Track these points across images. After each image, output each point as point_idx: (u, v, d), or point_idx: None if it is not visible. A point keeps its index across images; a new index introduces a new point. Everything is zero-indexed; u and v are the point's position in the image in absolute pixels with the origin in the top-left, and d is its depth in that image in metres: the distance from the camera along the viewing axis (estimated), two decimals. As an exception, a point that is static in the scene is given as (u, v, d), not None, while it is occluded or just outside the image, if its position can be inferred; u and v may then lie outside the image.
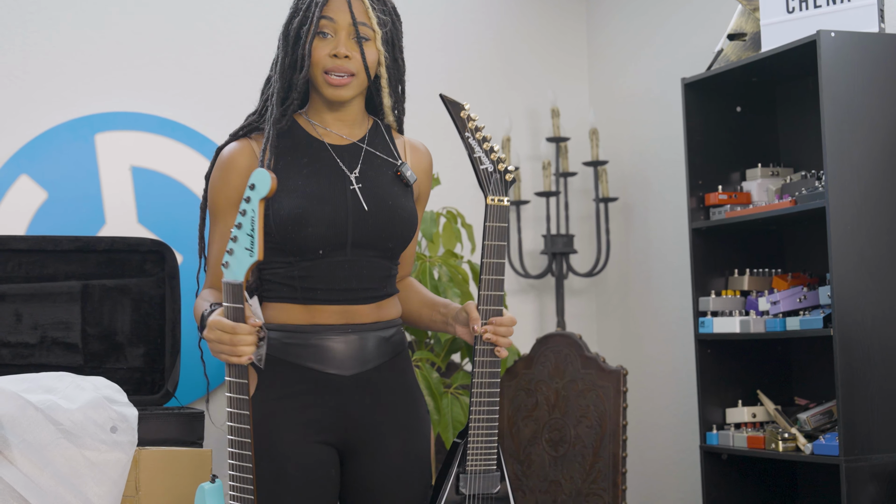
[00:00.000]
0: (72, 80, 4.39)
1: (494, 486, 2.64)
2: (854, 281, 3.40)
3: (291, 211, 2.57)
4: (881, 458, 3.37)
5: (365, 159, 2.69)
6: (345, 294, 2.62)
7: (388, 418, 2.65)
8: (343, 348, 2.62)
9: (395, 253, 2.69)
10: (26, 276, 3.34)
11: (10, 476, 2.71)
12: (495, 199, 2.63)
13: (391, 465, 2.65)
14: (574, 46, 5.17)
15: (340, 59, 2.60)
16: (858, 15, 3.50)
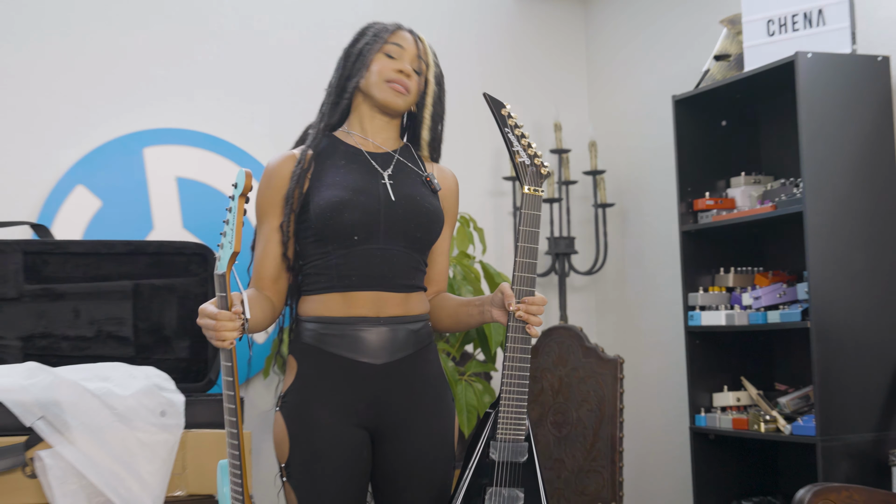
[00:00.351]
0: (123, 99, 4.40)
1: (522, 454, 2.60)
2: (829, 278, 3.39)
3: (330, 199, 2.59)
4: (854, 437, 3.36)
5: (396, 165, 2.71)
6: (377, 280, 2.60)
7: (415, 404, 2.64)
8: (375, 339, 2.60)
9: (424, 245, 2.68)
10: (83, 277, 3.34)
11: (70, 455, 2.72)
12: (531, 188, 2.61)
13: (418, 447, 2.63)
14: (575, 67, 5.16)
15: (405, 74, 2.66)
16: (832, 37, 3.49)
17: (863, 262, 3.44)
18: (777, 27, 3.60)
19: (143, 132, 4.40)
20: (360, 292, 2.60)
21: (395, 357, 2.61)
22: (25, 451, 2.72)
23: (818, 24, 3.52)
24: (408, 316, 2.65)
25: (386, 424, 2.62)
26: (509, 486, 2.58)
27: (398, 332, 2.62)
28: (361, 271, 2.60)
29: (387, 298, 2.62)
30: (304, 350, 2.63)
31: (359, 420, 2.60)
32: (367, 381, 2.60)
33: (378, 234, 2.60)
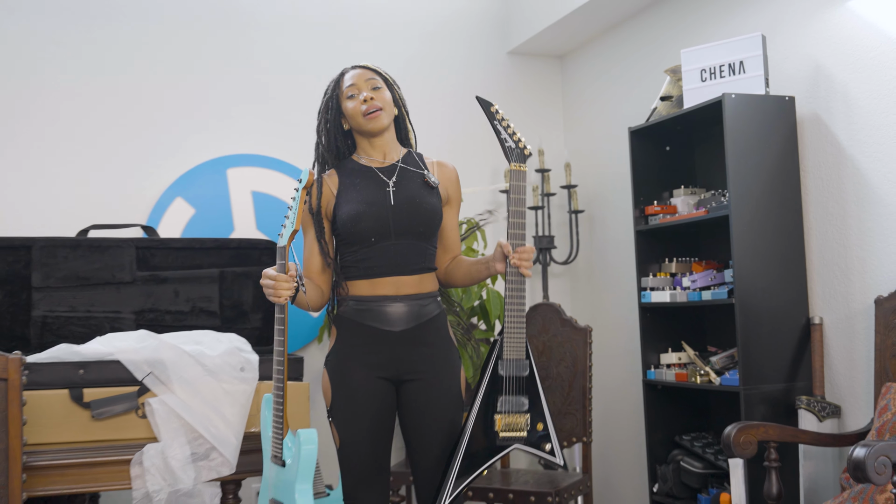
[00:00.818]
0: (211, 130, 4.40)
1: (524, 370, 2.58)
2: (749, 266, 3.37)
3: (349, 214, 2.63)
4: (768, 387, 3.35)
5: (400, 173, 2.70)
6: (395, 268, 2.62)
7: (426, 361, 2.63)
8: (395, 312, 2.61)
9: (428, 235, 2.67)
10: (182, 265, 3.34)
11: (171, 401, 2.71)
12: (516, 165, 2.57)
13: (429, 393, 2.63)
14: (553, 105, 5.14)
15: (368, 102, 2.65)
16: (751, 82, 3.47)
17: (773, 254, 3.41)
18: (708, 75, 3.58)
19: (227, 157, 4.40)
20: (383, 278, 2.62)
21: (410, 325, 2.62)
22: (138, 397, 2.71)
23: (740, 72, 3.49)
24: (420, 293, 2.65)
25: (404, 376, 2.62)
26: (516, 394, 2.57)
27: (413, 307, 2.63)
28: (381, 262, 2.62)
29: (403, 281, 2.63)
30: (342, 322, 2.65)
31: (383, 373, 2.61)
32: (389, 344, 2.61)
33: (389, 234, 2.62)
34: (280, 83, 4.55)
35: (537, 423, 2.58)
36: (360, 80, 2.68)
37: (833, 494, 3.23)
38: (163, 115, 4.32)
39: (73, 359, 2.72)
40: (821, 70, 3.45)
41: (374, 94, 2.66)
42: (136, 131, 4.28)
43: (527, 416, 2.57)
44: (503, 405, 2.56)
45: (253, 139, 4.48)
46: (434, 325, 2.68)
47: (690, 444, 3.77)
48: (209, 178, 4.35)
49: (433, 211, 2.67)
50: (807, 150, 3.49)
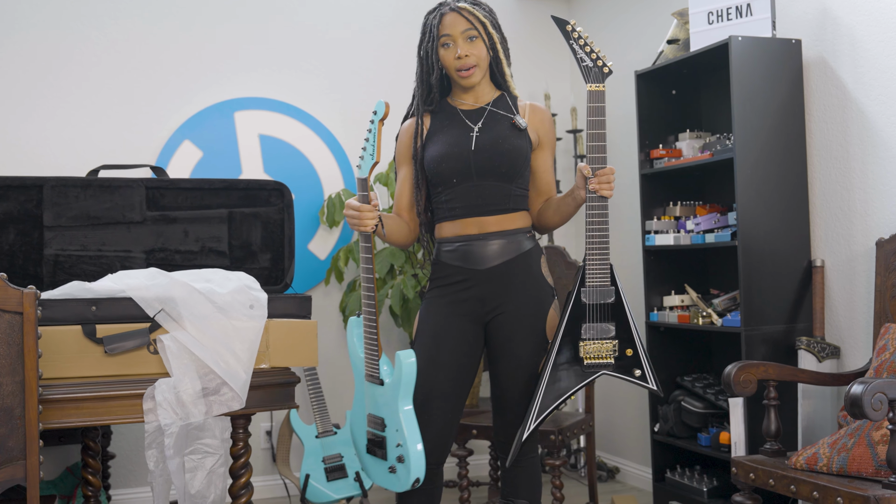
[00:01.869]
0: (219, 73, 4.41)
1: (609, 296, 2.55)
2: (752, 209, 3.39)
3: (433, 155, 2.67)
4: (769, 328, 3.39)
5: (488, 116, 2.70)
6: (476, 209, 2.65)
7: (510, 298, 2.64)
8: (478, 251, 2.64)
9: (512, 176, 2.65)
10: (191, 206, 3.36)
11: (183, 338, 2.75)
12: (592, 85, 2.53)
13: (510, 330, 2.64)
14: (560, 50, 5.13)
15: (462, 58, 2.64)
16: (758, 25, 3.46)
17: (777, 197, 3.43)
18: (715, 17, 3.57)
19: (234, 100, 4.41)
20: (466, 218, 2.66)
21: (496, 262, 2.64)
22: (149, 334, 2.76)
23: (747, 15, 3.48)
24: (504, 231, 2.66)
25: (490, 314, 2.65)
26: (600, 321, 2.55)
27: (499, 244, 2.65)
28: (463, 203, 2.65)
29: (486, 221, 2.65)
30: (435, 262, 2.72)
31: (468, 313, 2.65)
32: (476, 283, 2.65)
33: (471, 175, 2.64)
34: (286, 27, 4.54)
35: (626, 350, 2.56)
36: (455, 29, 2.64)
37: (830, 433, 3.29)
38: (171, 58, 4.33)
39: (85, 295, 2.76)
40: (827, 13, 3.43)
41: (469, 47, 2.64)
42: (145, 74, 4.29)
43: (613, 342, 2.55)
44: (587, 332, 2.55)
45: (260, 82, 4.48)
46: (524, 262, 2.67)
47: (692, 384, 3.82)
48: (217, 121, 4.37)
49: (516, 151, 2.66)
50: (812, 94, 3.49)
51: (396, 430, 2.53)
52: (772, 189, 3.42)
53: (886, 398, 2.40)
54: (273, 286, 3.34)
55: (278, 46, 4.52)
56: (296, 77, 4.54)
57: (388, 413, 2.55)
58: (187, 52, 4.36)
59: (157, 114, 4.29)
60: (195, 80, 4.37)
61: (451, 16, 2.65)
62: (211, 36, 4.40)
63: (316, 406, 4.11)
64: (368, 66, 4.68)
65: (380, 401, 2.58)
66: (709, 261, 4.02)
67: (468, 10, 2.65)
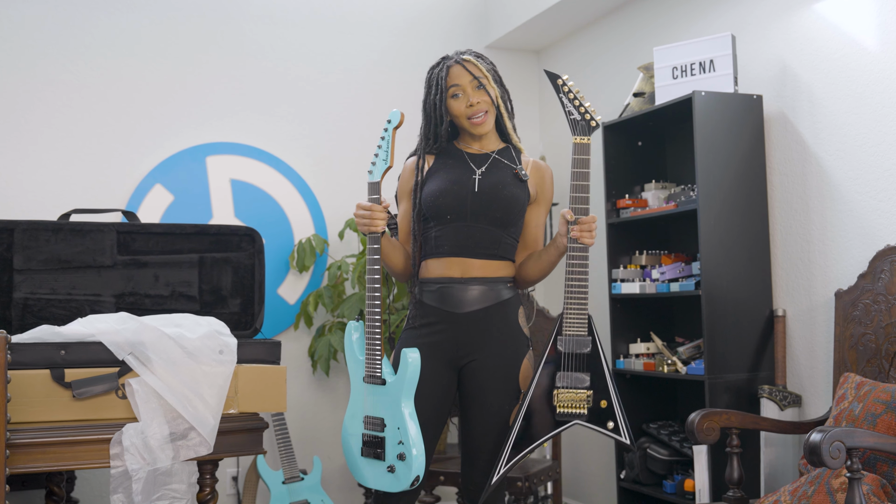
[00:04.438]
0: (191, 117, 4.44)
1: (586, 346, 2.56)
2: (715, 259, 3.46)
3: (432, 189, 2.70)
4: (732, 376, 3.44)
5: (493, 162, 2.75)
6: (464, 249, 2.68)
7: (488, 343, 2.66)
8: (460, 293, 2.67)
9: (505, 223, 2.69)
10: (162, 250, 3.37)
11: (152, 382, 2.75)
12: (578, 138, 2.57)
13: (484, 377, 2.65)
14: (530, 99, 5.21)
15: (474, 106, 2.69)
16: (720, 80, 3.56)
17: (739, 247, 3.51)
18: (680, 72, 3.66)
19: (206, 144, 4.44)
20: (451, 258, 2.68)
21: (475, 308, 2.66)
22: (118, 378, 2.76)
23: (710, 70, 3.58)
24: (486, 277, 2.68)
25: (465, 359, 2.67)
26: (576, 370, 2.56)
27: (480, 290, 2.67)
28: (452, 241, 2.68)
29: (471, 263, 2.68)
30: (416, 301, 2.74)
31: (442, 354, 2.67)
32: (452, 325, 2.67)
33: (466, 215, 2.67)
34: (257, 72, 4.60)
35: (600, 401, 2.56)
36: (464, 80, 2.69)
37: (792, 480, 3.34)
38: (142, 102, 4.36)
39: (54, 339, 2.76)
40: (787, 70, 3.55)
41: (478, 96, 2.69)
42: (116, 118, 4.32)
43: (588, 392, 2.55)
44: (562, 380, 2.55)
45: (232, 127, 4.52)
46: (501, 310, 2.68)
47: (657, 431, 3.86)
48: (188, 165, 4.39)
49: (514, 199, 2.70)
50: (773, 148, 3.59)
51: (398, 427, 2.54)
52: (734, 239, 3.49)
53: (844, 446, 2.45)
54: (243, 331, 3.36)
55: (250, 91, 4.57)
56: (267, 122, 4.59)
57: (389, 412, 2.57)
58: (159, 94, 4.40)
59: (129, 157, 4.31)
60: (167, 124, 4.40)
61: (458, 68, 2.71)
62: (182, 79, 4.45)
63: (283, 451, 4.10)
64: (340, 113, 4.75)
65: (380, 401, 2.60)
66: (674, 309, 4.09)
67: (472, 62, 2.72)
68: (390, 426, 2.57)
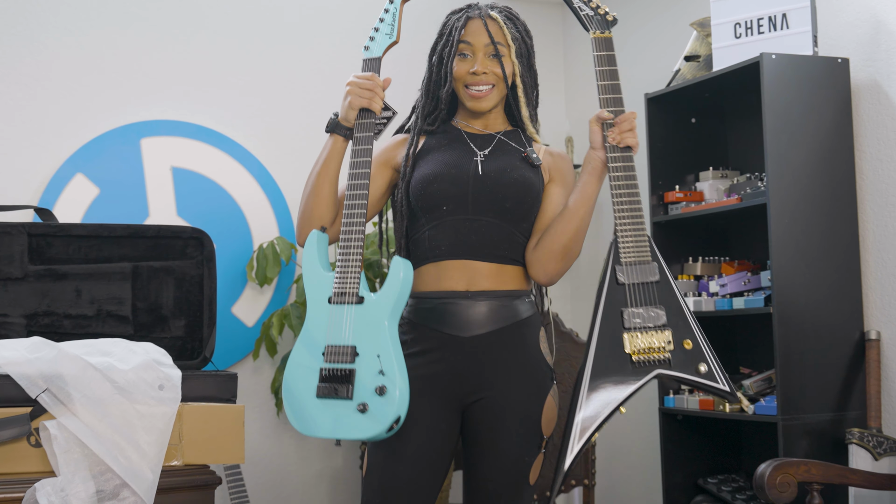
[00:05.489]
0: (122, 90, 4.44)
1: (653, 273, 2.52)
2: (790, 267, 3.47)
3: (423, 173, 2.69)
4: (812, 417, 3.44)
5: (498, 143, 2.75)
6: (466, 249, 2.65)
7: (502, 374, 2.63)
8: (461, 312, 2.63)
9: (518, 216, 2.67)
10: (85, 258, 3.38)
11: (73, 426, 2.75)
12: (595, 32, 2.59)
13: (497, 415, 2.62)
14: (552, 65, 5.22)
15: (479, 75, 2.69)
16: (796, 40, 3.56)
17: (821, 251, 3.52)
18: (744, 30, 3.67)
19: (141, 123, 4.44)
20: (450, 261, 2.66)
21: (486, 329, 2.63)
22: (30, 421, 2.76)
23: (782, 28, 3.59)
24: (499, 290, 2.66)
25: (471, 396, 2.64)
26: (646, 304, 2.50)
27: (490, 305, 2.64)
28: (451, 240, 2.65)
29: (477, 268, 2.65)
30: (406, 321, 2.69)
31: (441, 390, 2.63)
32: (455, 353, 2.63)
33: (467, 205, 2.65)
34: (205, 30, 4.60)
35: (683, 340, 2.51)
36: (479, 40, 2.70)
37: (890, 549, 3.34)
38: (60, 73, 4.36)
39: (-53, 372, 2.76)
40: (882, 26, 3.55)
41: (490, 64, 2.69)
42: (27, 93, 4.32)
43: (667, 331, 2.50)
44: (631, 320, 2.50)
45: (173, 102, 4.53)
46: (518, 332, 2.67)
47: (717, 488, 3.86)
48: (118, 149, 4.39)
49: (527, 184, 2.68)
50: (863, 125, 3.59)
51: (378, 355, 2.49)
52: (815, 242, 3.50)
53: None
54: (189, 360, 3.36)
55: (196, 55, 4.58)
56: (219, 95, 4.60)
57: (366, 336, 2.52)
58: (81, 63, 4.40)
59: (43, 140, 4.32)
60: (90, 99, 4.40)
61: (477, 23, 2.72)
62: (110, 42, 4.45)
63: (240, 514, 4.10)
64: (314, 81, 4.75)
65: (354, 324, 2.54)
66: (737, 331, 4.09)
67: (498, 22, 2.72)
68: (366, 354, 2.50)
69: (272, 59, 4.70)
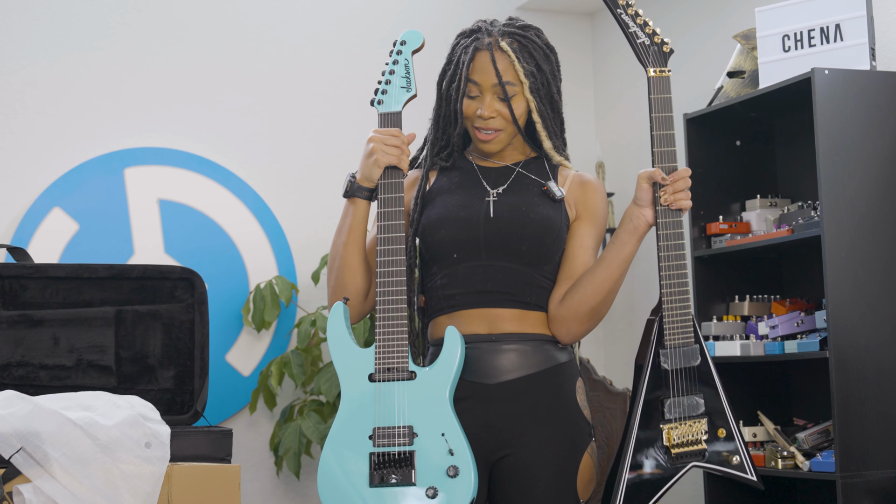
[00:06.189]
0: (103, 116, 4.47)
1: (695, 358, 2.55)
2: (848, 306, 3.46)
3: (431, 218, 2.70)
4: (875, 474, 3.43)
5: (516, 179, 2.75)
6: (481, 297, 2.65)
7: (531, 428, 2.64)
8: (487, 357, 2.64)
9: (535, 259, 2.67)
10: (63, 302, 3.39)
11: (50, 489, 2.76)
12: (657, 70, 2.58)
13: (534, 471, 2.61)
14: (581, 82, 5.24)
15: (486, 119, 2.68)
16: (851, 53, 3.57)
17: (884, 289, 3.51)
18: (793, 42, 3.68)
19: (124, 151, 4.47)
20: (467, 311, 2.66)
21: (509, 377, 2.64)
22: (3, 485, 2.77)
23: (836, 40, 3.60)
24: (526, 334, 2.66)
25: (498, 451, 2.63)
26: (687, 393, 2.54)
27: (514, 352, 2.64)
28: (465, 289, 2.66)
29: (498, 314, 2.65)
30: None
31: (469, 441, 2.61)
32: (477, 403, 2.63)
33: (479, 251, 2.66)
34: (196, 48, 4.63)
35: (718, 429, 2.56)
36: (486, 79, 2.68)
37: None
38: (36, 97, 4.39)
39: (-88, 430, 2.77)
40: (947, 37, 3.57)
41: (498, 108, 2.68)
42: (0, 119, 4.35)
43: (703, 420, 2.55)
44: (672, 409, 2.53)
45: (160, 127, 4.55)
46: (553, 380, 2.67)
47: (769, 554, 3.85)
48: (99, 181, 4.42)
49: (546, 225, 2.68)
50: (928, 147, 3.60)
51: (443, 433, 2.51)
52: (876, 278, 3.50)
53: None
54: (178, 415, 3.37)
55: (186, 76, 4.60)
56: (211, 119, 4.62)
57: (424, 414, 2.53)
58: (59, 84, 4.43)
59: (16, 172, 4.34)
60: (69, 124, 4.42)
61: (485, 58, 2.68)
62: (89, 62, 4.46)
63: (235, 587, 4.10)
64: (316, 103, 4.77)
65: (406, 401, 2.55)
66: (790, 378, 4.08)
67: (509, 55, 2.68)
68: (427, 433, 2.52)
69: (272, 81, 4.73)
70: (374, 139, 2.63)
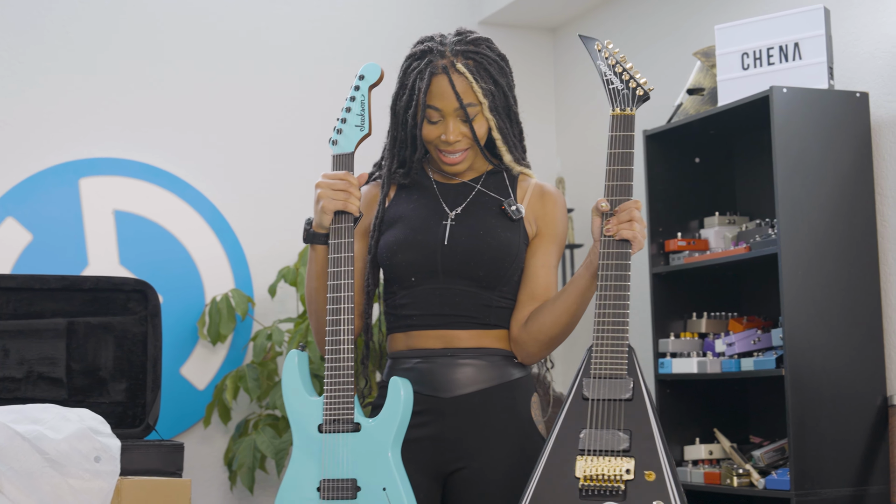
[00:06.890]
0: (58, 126, 4.45)
1: (624, 391, 2.46)
2: (805, 324, 3.48)
3: (388, 240, 2.69)
4: (830, 492, 3.44)
5: (474, 198, 2.74)
6: (439, 319, 2.66)
7: (486, 442, 2.63)
8: (442, 371, 2.64)
9: (490, 282, 2.66)
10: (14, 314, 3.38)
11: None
12: (617, 109, 2.55)
13: (487, 486, 2.62)
14: (542, 97, 5.25)
15: (451, 144, 2.67)
16: (810, 72, 3.59)
17: (841, 307, 3.53)
18: (752, 60, 3.70)
19: (79, 161, 4.45)
20: (424, 331, 2.67)
21: (464, 391, 2.64)
22: (-51, 498, 2.75)
23: (794, 59, 3.62)
24: (482, 348, 2.66)
25: (450, 464, 2.64)
26: (609, 427, 2.44)
27: (469, 367, 2.65)
28: (422, 310, 2.66)
29: (456, 335, 2.66)
30: (382, 385, 2.70)
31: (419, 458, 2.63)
32: (431, 417, 2.64)
33: (436, 275, 2.66)
34: (154, 59, 4.62)
35: (646, 472, 2.44)
36: (447, 104, 2.66)
37: None
38: (-10, 102, 4.37)
39: None
40: (904, 57, 3.60)
41: (461, 131, 2.67)
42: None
43: (626, 460, 2.43)
44: (588, 442, 2.45)
45: (116, 137, 4.53)
46: (507, 395, 2.66)
47: (725, 572, 3.86)
48: (53, 191, 4.40)
49: (503, 249, 2.68)
50: (885, 166, 3.62)
51: (384, 488, 2.51)
52: (832, 296, 3.52)
53: None
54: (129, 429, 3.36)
55: (143, 86, 4.59)
56: (169, 132, 4.60)
57: (367, 468, 2.53)
58: (12, 93, 4.41)
59: (-31, 180, 4.32)
60: (23, 134, 4.40)
61: (442, 82, 2.66)
62: (45, 69, 4.46)
63: None
64: (277, 116, 4.76)
65: (351, 454, 2.55)
66: (746, 396, 4.09)
67: (466, 77, 2.66)
68: (369, 488, 2.52)
69: (229, 92, 4.72)
70: (320, 184, 2.60)
